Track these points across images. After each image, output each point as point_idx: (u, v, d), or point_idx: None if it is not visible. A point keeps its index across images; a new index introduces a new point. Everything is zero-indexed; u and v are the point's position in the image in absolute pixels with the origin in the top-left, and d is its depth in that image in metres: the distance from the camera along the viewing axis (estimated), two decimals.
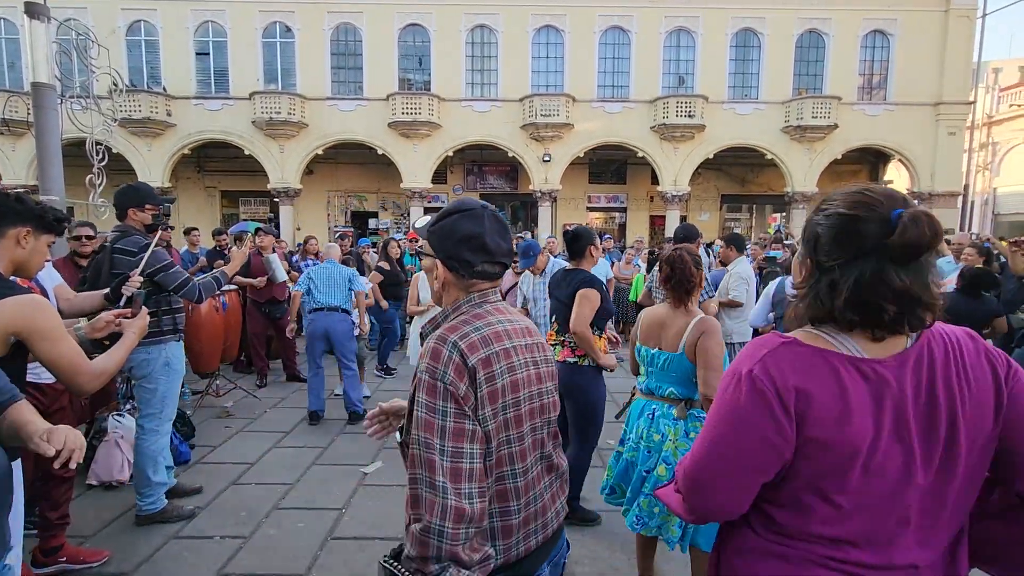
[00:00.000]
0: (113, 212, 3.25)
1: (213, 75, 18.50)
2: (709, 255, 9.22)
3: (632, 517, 2.43)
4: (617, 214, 22.39)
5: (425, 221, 1.28)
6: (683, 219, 19.58)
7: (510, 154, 18.89)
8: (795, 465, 0.94)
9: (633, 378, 2.72)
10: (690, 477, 1.03)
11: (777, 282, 4.26)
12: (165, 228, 3.10)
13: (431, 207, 20.20)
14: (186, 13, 17.97)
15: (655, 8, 18.20)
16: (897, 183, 21.62)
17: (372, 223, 20.63)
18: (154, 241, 2.92)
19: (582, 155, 19.10)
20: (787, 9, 18.16)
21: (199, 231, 8.17)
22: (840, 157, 18.79)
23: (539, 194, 18.81)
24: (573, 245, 3.24)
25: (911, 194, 19.25)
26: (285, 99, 17.73)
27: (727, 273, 4.90)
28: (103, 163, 5.85)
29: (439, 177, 19.69)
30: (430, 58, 18.52)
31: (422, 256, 1.31)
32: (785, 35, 18.36)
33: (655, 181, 19.47)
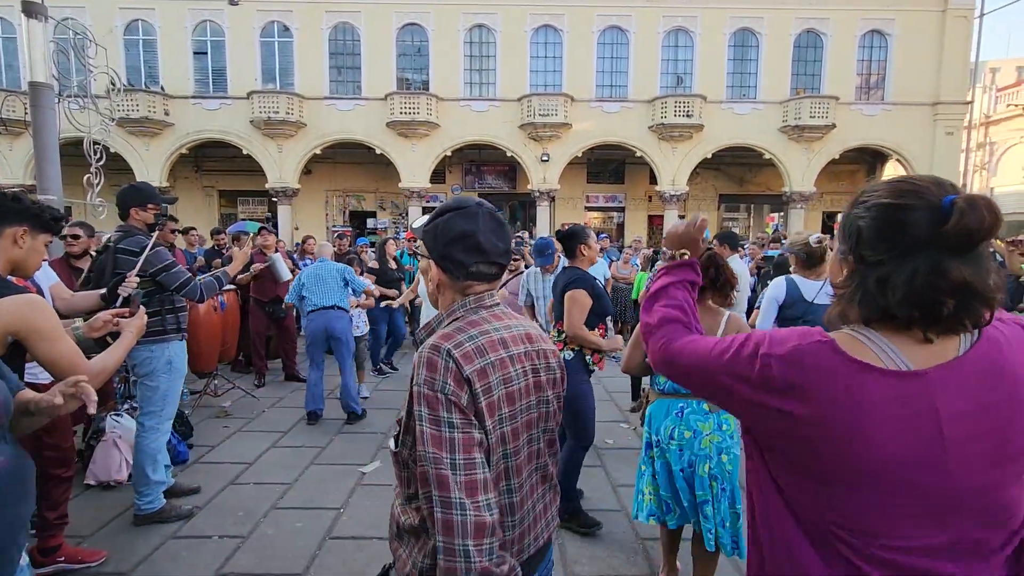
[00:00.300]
0: (110, 212, 3.25)
1: (211, 74, 18.46)
2: None
3: (679, 521, 2.45)
4: (615, 214, 22.40)
5: (422, 221, 1.23)
6: (681, 219, 19.57)
7: (508, 154, 18.89)
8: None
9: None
10: (672, 357, 1.09)
11: (782, 285, 3.84)
12: (162, 228, 3.10)
13: (429, 207, 20.15)
14: (184, 12, 17.93)
15: (653, 8, 18.22)
16: None
17: (370, 223, 20.60)
18: (152, 241, 2.92)
19: (580, 155, 19.10)
20: (785, 9, 18.18)
21: (197, 231, 8.17)
22: (838, 157, 18.82)
23: (537, 194, 18.81)
24: (565, 245, 3.29)
25: None
26: (283, 99, 17.70)
27: None
28: (101, 163, 5.83)
29: (437, 177, 19.68)
30: (428, 57, 18.52)
31: (419, 257, 1.28)
32: (783, 35, 18.38)
33: (653, 181, 19.49)
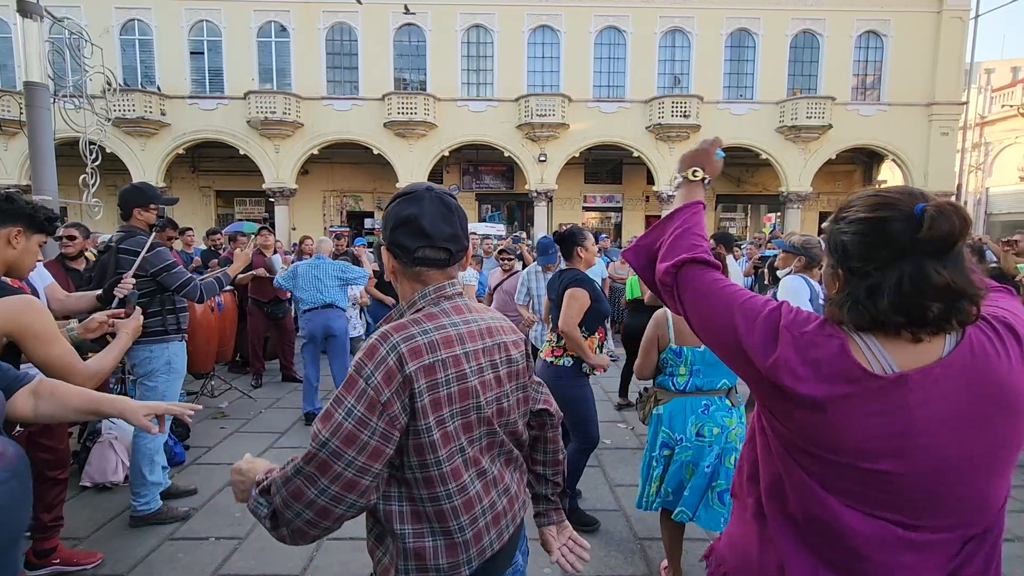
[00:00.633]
0: (106, 212, 3.24)
1: (208, 74, 18.42)
2: None
3: (686, 513, 2.49)
4: (613, 214, 22.43)
5: None
6: None
7: (506, 154, 18.90)
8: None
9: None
10: (686, 284, 1.10)
11: (802, 282, 3.38)
12: (160, 229, 3.09)
13: None
14: (180, 12, 17.89)
15: (650, 8, 18.25)
16: (891, 183, 21.74)
17: (368, 223, 20.59)
18: (150, 241, 2.91)
19: (578, 155, 19.12)
20: (781, 10, 18.24)
21: (193, 231, 8.14)
22: (834, 157, 18.89)
23: (535, 194, 18.82)
24: (562, 247, 3.28)
25: None
26: (280, 98, 17.67)
27: None
28: (97, 163, 5.82)
29: (435, 177, 19.67)
30: (426, 58, 18.51)
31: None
32: (780, 35, 18.44)
33: (651, 181, 19.53)
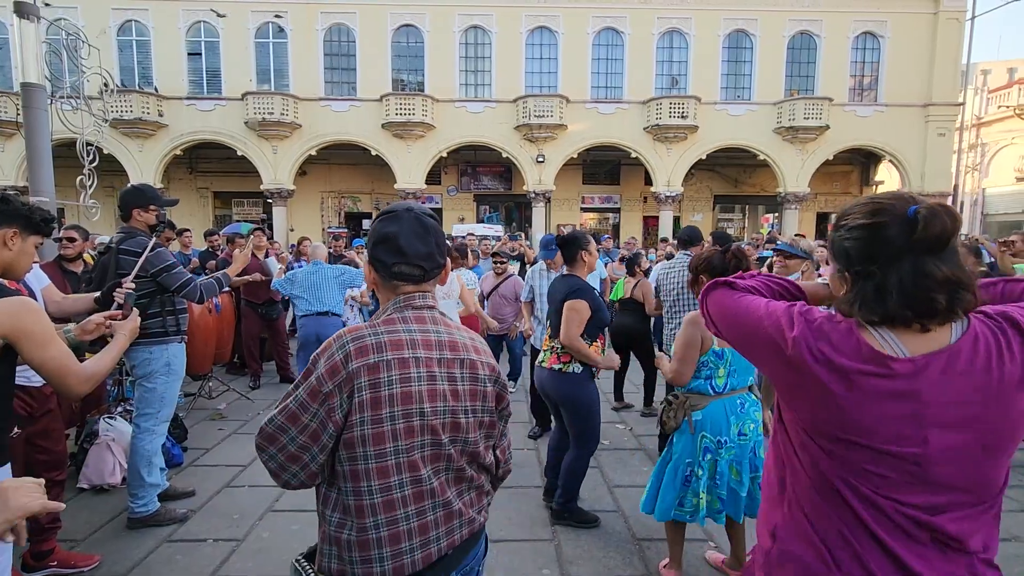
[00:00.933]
0: (103, 214, 3.24)
1: (205, 75, 18.40)
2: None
3: (710, 513, 2.51)
4: (611, 215, 22.45)
5: None
6: (676, 220, 19.69)
7: (504, 155, 18.91)
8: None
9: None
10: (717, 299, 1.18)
11: None
12: (168, 228, 3.10)
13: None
14: (177, 13, 17.86)
15: (648, 9, 18.28)
16: (888, 184, 21.80)
17: (366, 224, 20.58)
18: (152, 242, 2.91)
19: (576, 156, 19.14)
20: (779, 11, 18.28)
21: (191, 232, 8.12)
22: (832, 158, 18.93)
23: (533, 195, 18.83)
24: (565, 251, 3.19)
25: None
26: (278, 99, 17.65)
27: None
28: (94, 164, 5.80)
29: (433, 178, 19.68)
30: (424, 59, 18.51)
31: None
32: (777, 37, 18.48)
33: (648, 182, 19.54)
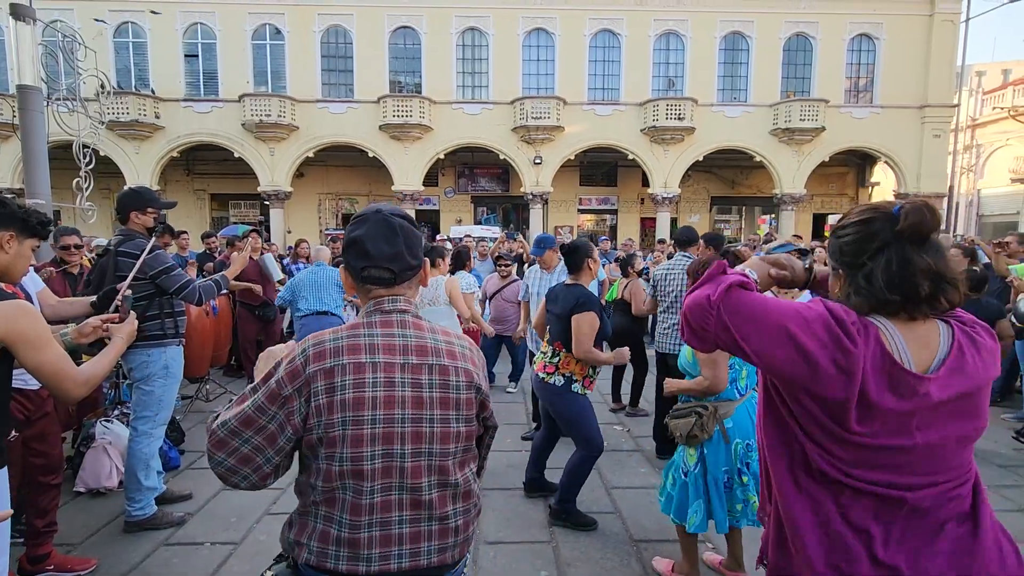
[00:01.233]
0: (100, 216, 3.24)
1: (202, 77, 18.36)
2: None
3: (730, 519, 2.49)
4: (608, 216, 22.47)
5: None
6: (673, 221, 19.72)
7: (501, 156, 18.92)
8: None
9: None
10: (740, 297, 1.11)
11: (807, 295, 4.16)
12: (167, 233, 3.10)
13: (422, 210, 20.18)
14: (174, 14, 17.84)
15: (644, 11, 18.32)
16: (884, 185, 21.89)
17: None
18: (149, 244, 2.91)
19: (573, 157, 19.16)
20: (775, 13, 18.35)
21: (188, 234, 8.11)
22: (827, 159, 19.00)
23: (530, 196, 18.84)
24: (569, 259, 3.17)
25: (897, 195, 19.53)
26: (275, 101, 17.63)
27: None
28: (90, 166, 5.79)
29: (431, 179, 19.68)
30: (421, 60, 18.52)
31: None
32: (773, 39, 18.54)
33: (646, 183, 19.57)
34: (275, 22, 18.16)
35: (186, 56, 18.23)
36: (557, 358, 3.17)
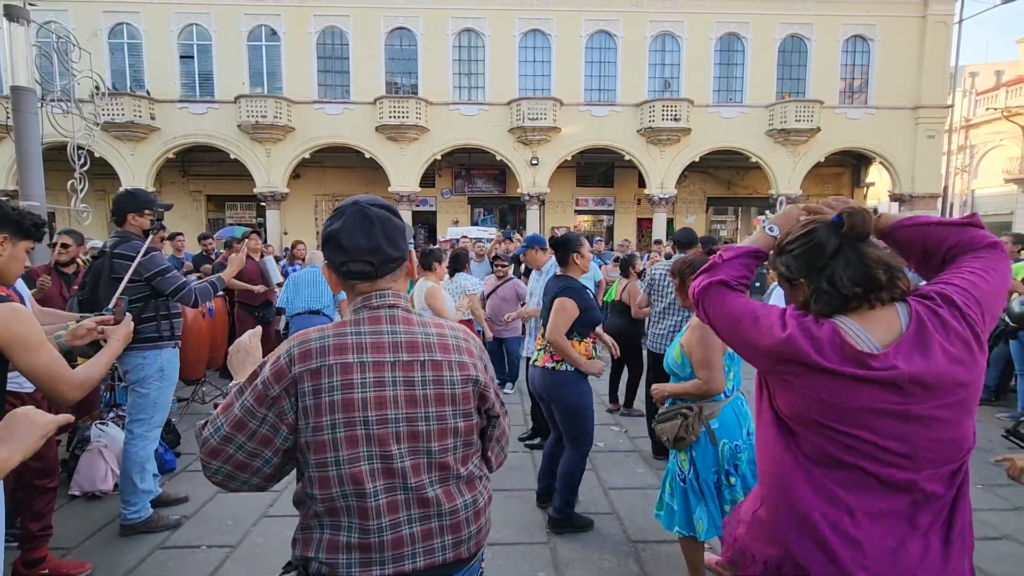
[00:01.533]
0: (95, 218, 3.22)
1: (198, 78, 18.31)
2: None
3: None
4: (605, 217, 22.50)
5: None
6: (670, 222, 19.77)
7: (498, 157, 18.92)
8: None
9: None
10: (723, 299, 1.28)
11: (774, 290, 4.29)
12: (156, 233, 3.08)
13: (419, 211, 20.16)
14: (169, 16, 17.79)
15: (640, 13, 18.37)
16: (879, 185, 22.00)
17: None
18: (145, 247, 2.90)
19: (569, 158, 19.18)
20: (770, 14, 18.42)
21: (184, 236, 8.08)
22: (823, 160, 19.08)
23: (527, 197, 18.85)
24: (557, 253, 3.25)
25: (892, 196, 19.65)
26: (271, 102, 17.60)
27: None
28: (85, 168, 5.77)
29: (427, 181, 19.66)
30: (417, 62, 18.51)
31: None
32: (768, 40, 18.61)
33: (642, 184, 19.61)
34: (271, 23, 18.12)
35: (181, 57, 18.17)
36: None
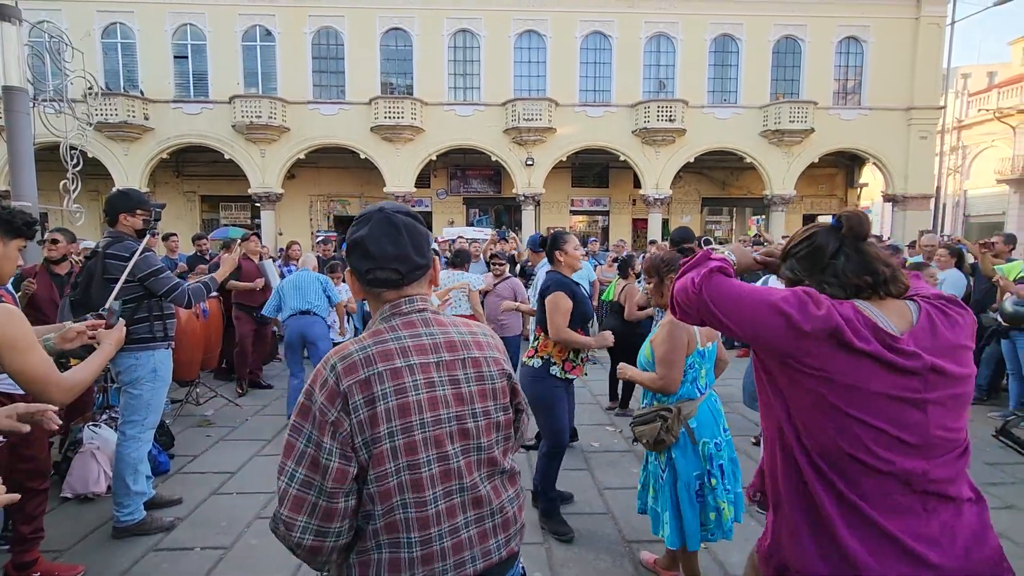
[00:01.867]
0: (88, 218, 3.21)
1: (192, 78, 18.23)
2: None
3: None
4: (600, 217, 22.54)
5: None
6: (665, 222, 19.82)
7: (493, 158, 18.93)
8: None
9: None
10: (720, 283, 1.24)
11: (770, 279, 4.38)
12: (155, 234, 3.08)
13: (415, 211, 20.11)
14: (163, 15, 17.70)
15: (635, 14, 18.42)
16: (872, 186, 22.12)
17: None
18: (141, 247, 2.88)
19: (565, 159, 19.20)
20: (764, 16, 18.50)
21: (178, 236, 8.04)
22: (817, 160, 19.16)
23: (522, 197, 18.86)
24: (546, 251, 3.32)
25: (885, 196, 19.77)
26: (266, 103, 17.54)
27: None
28: (78, 168, 5.73)
29: (423, 181, 19.64)
30: (412, 62, 18.49)
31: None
32: (762, 41, 18.69)
33: (637, 184, 19.66)
34: (266, 23, 18.06)
35: (175, 57, 18.09)
36: (537, 341, 3.23)
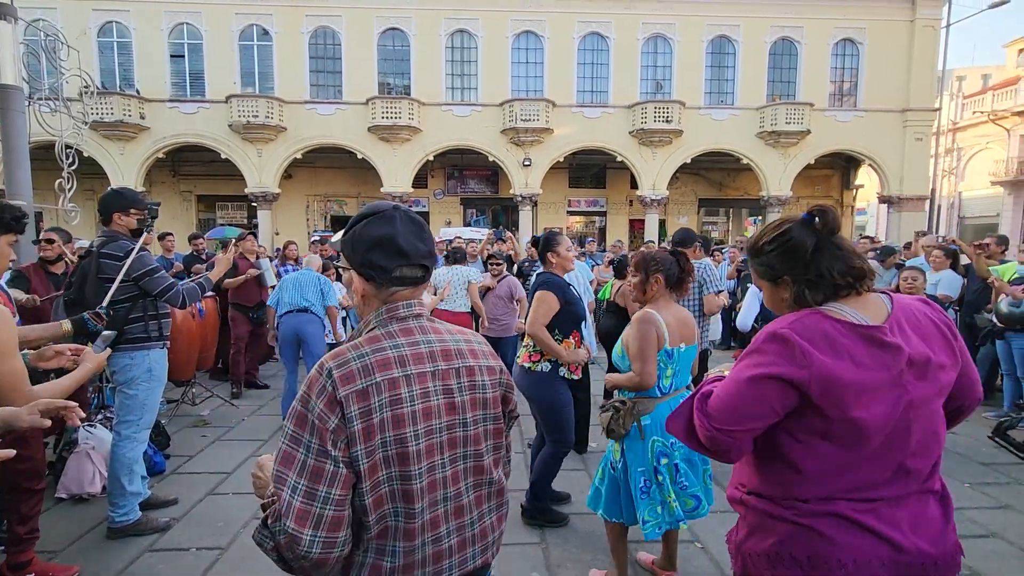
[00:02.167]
0: (83, 217, 3.20)
1: (188, 78, 18.17)
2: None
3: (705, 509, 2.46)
4: (597, 218, 22.57)
5: (340, 234, 1.19)
6: (662, 223, 19.86)
7: (490, 158, 18.93)
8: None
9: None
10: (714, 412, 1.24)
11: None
12: (150, 230, 3.07)
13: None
14: (160, 14, 17.64)
15: (633, 15, 18.45)
16: (868, 187, 22.23)
17: None
18: (138, 246, 2.88)
19: (562, 159, 19.22)
20: (761, 17, 18.56)
21: (174, 236, 8.01)
22: (813, 162, 19.24)
23: (520, 198, 18.87)
24: (539, 251, 3.35)
25: (881, 198, 19.86)
26: (263, 102, 17.50)
27: None
28: (73, 167, 5.70)
29: (420, 181, 19.63)
30: (410, 62, 18.48)
31: (342, 270, 1.23)
32: (759, 42, 18.76)
33: (634, 185, 19.69)
34: (262, 23, 18.02)
35: (172, 56, 18.03)
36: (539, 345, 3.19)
